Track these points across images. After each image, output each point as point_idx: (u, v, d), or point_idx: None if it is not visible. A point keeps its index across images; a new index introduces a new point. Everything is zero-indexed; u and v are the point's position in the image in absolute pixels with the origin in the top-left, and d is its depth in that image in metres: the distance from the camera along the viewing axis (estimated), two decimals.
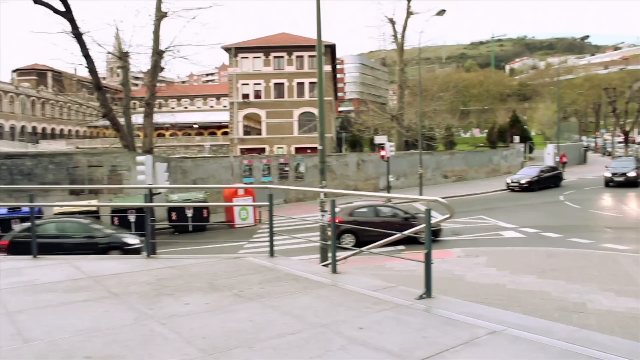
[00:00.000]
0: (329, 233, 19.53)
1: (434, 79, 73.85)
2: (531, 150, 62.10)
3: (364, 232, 18.01)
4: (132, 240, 18.72)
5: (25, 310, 6.34)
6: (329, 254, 8.88)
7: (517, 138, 58.08)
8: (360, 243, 18.20)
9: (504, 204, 30.10)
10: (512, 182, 37.23)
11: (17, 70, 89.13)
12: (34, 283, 7.76)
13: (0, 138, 71.78)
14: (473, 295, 11.09)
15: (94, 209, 24.11)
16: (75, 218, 19.87)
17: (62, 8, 27.37)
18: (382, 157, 34.50)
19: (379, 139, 38.72)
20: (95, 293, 7.10)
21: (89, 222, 19.23)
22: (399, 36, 49.53)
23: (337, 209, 20.88)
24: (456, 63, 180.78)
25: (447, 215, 7.24)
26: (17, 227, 19.80)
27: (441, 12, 32.25)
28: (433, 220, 6.75)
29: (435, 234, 20.12)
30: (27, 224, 19.01)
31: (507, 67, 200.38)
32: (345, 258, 9.43)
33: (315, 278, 7.68)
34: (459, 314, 5.84)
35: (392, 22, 49.60)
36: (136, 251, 18.34)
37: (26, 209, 22.43)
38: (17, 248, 17.55)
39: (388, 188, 34.53)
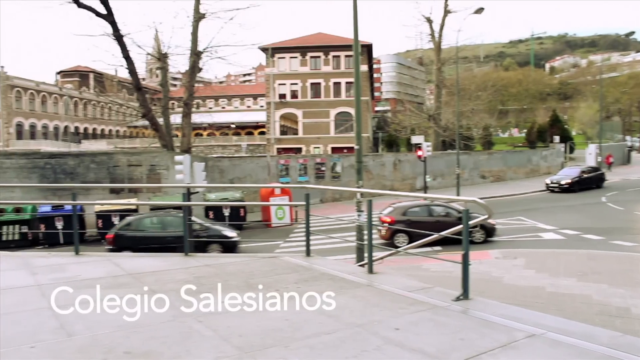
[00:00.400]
0: (384, 232, 19.52)
1: (472, 78, 72.90)
2: (572, 150, 60.76)
3: (417, 232, 17.91)
4: (231, 233, 19.07)
5: (68, 306, 6.49)
6: (365, 254, 8.86)
7: (557, 138, 56.90)
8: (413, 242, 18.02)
9: (544, 205, 29.56)
10: (552, 183, 36.51)
11: (60, 72, 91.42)
12: (77, 279, 7.94)
13: (44, 138, 73.67)
14: (511, 297, 10.93)
15: (134, 207, 24.59)
16: (174, 212, 20.24)
17: (103, 11, 27.98)
18: (419, 157, 34.25)
19: (415, 139, 38.45)
20: (134, 289, 7.22)
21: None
22: (436, 35, 49.11)
23: (389, 209, 20.97)
24: (494, 62, 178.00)
25: (486, 216, 7.16)
26: (123, 221, 20.51)
27: (479, 10, 31.85)
28: (472, 222, 6.68)
29: (489, 233, 19.96)
30: (130, 218, 19.61)
31: (547, 66, 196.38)
32: (381, 258, 9.41)
33: (351, 278, 7.67)
34: (496, 316, 5.76)
35: (429, 21, 49.22)
36: (234, 244, 18.57)
37: (69, 207, 23.02)
38: (120, 241, 18.54)
39: (425, 188, 34.26)
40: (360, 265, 9.91)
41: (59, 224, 24.21)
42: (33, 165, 29.77)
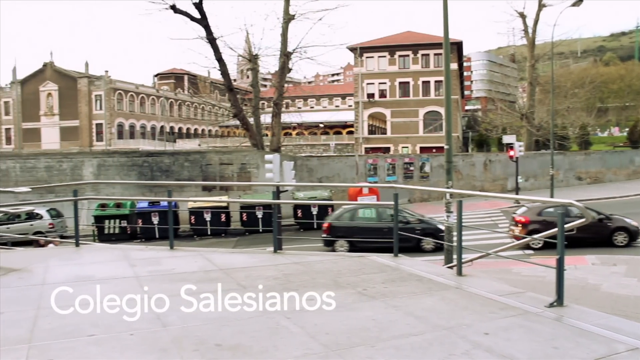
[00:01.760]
0: (519, 231, 18.94)
1: (568, 74, 69.65)
2: None
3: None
4: (442, 226, 19.23)
5: (163, 297, 6.79)
6: (454, 256, 8.70)
7: None
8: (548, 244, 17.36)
9: None
10: None
11: (158, 75, 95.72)
12: (171, 272, 8.30)
13: (143, 137, 77.31)
14: (609, 306, 10.37)
15: (225, 204, 25.36)
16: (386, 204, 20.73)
17: (198, 16, 29.05)
18: (511, 157, 33.22)
19: (507, 139, 37.31)
20: (225, 285, 7.45)
21: (400, 208, 19.91)
22: (530, 30, 47.36)
23: (523, 209, 20.32)
24: (593, 57, 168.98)
25: (583, 220, 6.85)
26: (339, 210, 21.13)
27: (577, 3, 30.32)
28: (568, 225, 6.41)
29: (632, 237, 19.06)
30: (347, 208, 20.21)
31: None
32: (471, 260, 9.20)
33: (440, 280, 7.56)
34: (594, 326, 5.48)
35: (522, 16, 47.55)
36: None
37: (164, 203, 24.07)
38: (335, 230, 19.26)
39: (517, 189, 33.18)
40: (448, 267, 9.74)
41: (155, 219, 25.35)
42: (132, 163, 31.38)
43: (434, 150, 48.68)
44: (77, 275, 8.15)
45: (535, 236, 9.47)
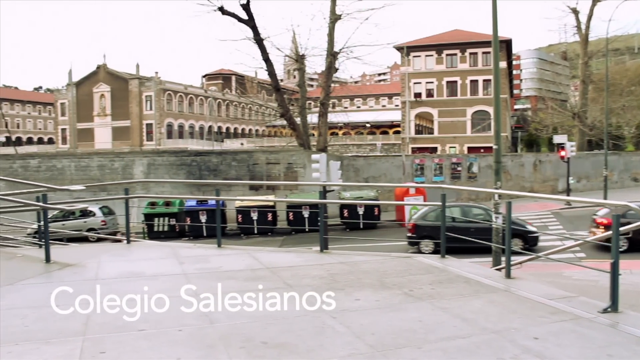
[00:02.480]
0: (601, 233, 18.29)
1: (624, 71, 67.49)
2: None
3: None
4: (532, 227, 18.83)
5: (210, 295, 6.89)
6: (503, 258, 8.55)
7: None
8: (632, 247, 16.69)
9: None
10: None
11: (205, 75, 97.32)
12: (219, 270, 8.41)
13: (191, 137, 78.65)
14: None
15: (272, 203, 25.57)
16: (478, 204, 20.52)
17: (245, 17, 29.39)
18: (562, 157, 32.44)
19: (558, 138, 36.43)
20: (271, 283, 7.51)
21: (485, 207, 19.79)
22: (583, 27, 46.10)
23: (604, 210, 19.67)
24: None
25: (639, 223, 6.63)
26: (424, 209, 20.84)
27: None
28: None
29: None
30: (432, 208, 20.03)
31: None
32: (520, 263, 9.02)
33: (488, 282, 7.43)
34: None
35: (575, 11, 46.32)
36: (535, 240, 18.25)
37: (212, 202, 24.41)
38: (420, 230, 19.13)
39: (568, 191, 32.36)
40: (497, 269, 9.58)
41: (203, 218, 25.77)
42: (181, 162, 31.98)
43: (482, 151, 47.93)
44: (128, 271, 8.37)
45: (589, 239, 9.21)
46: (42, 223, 9.62)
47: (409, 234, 19.76)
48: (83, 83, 77.38)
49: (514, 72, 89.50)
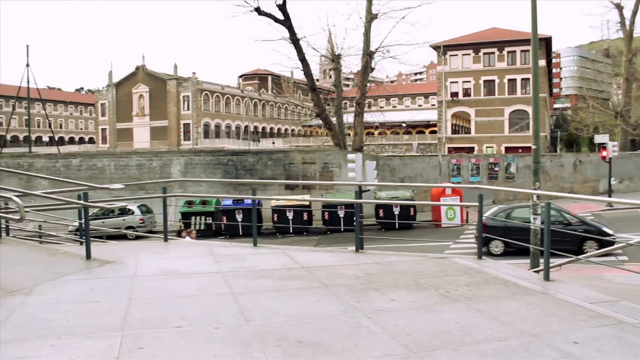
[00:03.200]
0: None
1: None
2: None
3: None
4: (609, 229, 18.34)
5: (247, 293, 6.95)
6: (541, 260, 8.40)
7: None
8: None
9: None
10: None
11: (242, 75, 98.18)
12: (254, 269, 8.47)
13: (227, 137, 79.41)
14: None
15: (307, 203, 25.65)
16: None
17: (281, 17, 29.52)
18: (603, 157, 31.70)
19: (599, 138, 35.61)
20: (307, 282, 7.53)
21: (559, 208, 19.41)
22: (627, 22, 44.98)
23: None
24: None
25: None
26: (494, 209, 20.26)
27: None
28: None
29: None
30: (502, 207, 19.47)
31: None
32: (559, 265, 8.84)
33: (525, 284, 7.31)
34: None
35: (619, 7, 45.19)
36: (612, 243, 17.83)
37: (248, 201, 24.61)
38: (490, 230, 18.09)
39: (609, 192, 31.60)
40: (535, 272, 9.42)
41: (239, 217, 25.98)
42: (218, 162, 32.32)
43: (520, 151, 47.19)
44: (165, 269, 8.50)
45: (632, 241, 8.98)
46: (83, 221, 9.84)
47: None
48: (122, 84, 78.91)
49: (554, 70, 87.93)
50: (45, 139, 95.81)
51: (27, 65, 48.53)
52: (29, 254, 9.21)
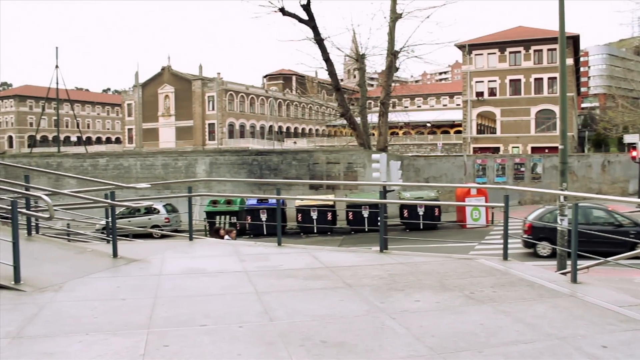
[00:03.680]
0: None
1: None
2: None
3: None
4: None
5: (271, 292, 6.98)
6: (568, 262, 8.28)
7: None
8: None
9: None
10: None
11: (266, 75, 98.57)
12: (279, 268, 8.49)
13: (252, 137, 79.81)
14: None
15: (331, 203, 25.64)
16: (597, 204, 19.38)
17: (305, 17, 29.54)
18: (633, 158, 31.21)
19: (629, 138, 35.02)
20: (331, 282, 7.53)
21: (611, 210, 19.03)
22: None
23: None
24: None
25: None
26: (540, 210, 19.93)
27: None
28: None
29: None
30: (548, 208, 19.29)
31: None
32: (587, 267, 8.71)
33: (552, 286, 7.22)
34: None
35: None
36: None
37: (272, 201, 24.69)
38: (537, 232, 17.78)
39: (639, 193, 31.04)
40: (561, 274, 9.29)
41: (263, 216, 26.06)
42: (242, 161, 32.49)
43: (546, 151, 46.61)
44: (190, 268, 8.57)
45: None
46: (109, 219, 9.97)
47: (525, 235, 18.34)
48: (148, 84, 79.79)
49: (582, 69, 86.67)
50: (74, 138, 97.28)
51: (57, 66, 49.39)
52: (58, 252, 9.35)
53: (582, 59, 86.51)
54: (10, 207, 7.24)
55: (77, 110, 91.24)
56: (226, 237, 13.87)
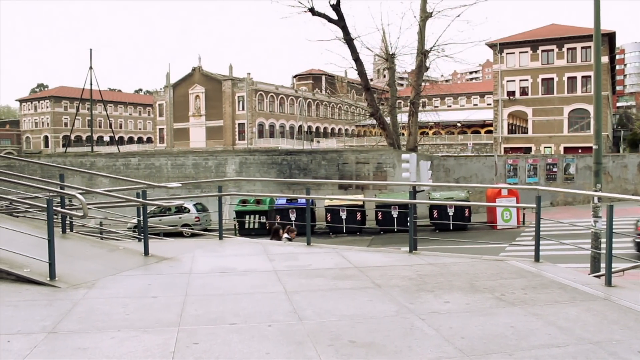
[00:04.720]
0: None
1: None
2: None
3: None
4: None
5: (300, 292, 6.99)
6: (602, 265, 8.12)
7: None
8: None
9: None
10: None
11: (296, 76, 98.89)
12: (308, 268, 8.51)
13: (281, 136, 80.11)
14: None
15: (361, 203, 25.58)
16: None
17: (335, 17, 29.55)
18: None
19: None
20: (360, 282, 7.52)
21: None
22: None
23: None
24: None
25: None
26: None
27: None
28: None
29: None
30: None
31: None
32: (622, 270, 8.53)
33: (585, 289, 7.08)
34: None
35: None
36: None
37: (302, 201, 24.75)
38: None
39: None
40: (595, 276, 9.12)
41: (293, 216, 26.14)
42: (272, 161, 32.63)
43: (579, 151, 45.79)
44: (220, 267, 8.64)
45: None
46: (141, 218, 10.11)
47: (639, 240, 17.32)
48: (179, 85, 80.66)
49: (617, 67, 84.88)
50: (106, 138, 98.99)
51: (90, 68, 50.27)
52: (91, 250, 9.52)
53: (617, 56, 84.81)
54: (46, 206, 7.39)
55: (110, 110, 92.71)
56: (284, 235, 13.86)
